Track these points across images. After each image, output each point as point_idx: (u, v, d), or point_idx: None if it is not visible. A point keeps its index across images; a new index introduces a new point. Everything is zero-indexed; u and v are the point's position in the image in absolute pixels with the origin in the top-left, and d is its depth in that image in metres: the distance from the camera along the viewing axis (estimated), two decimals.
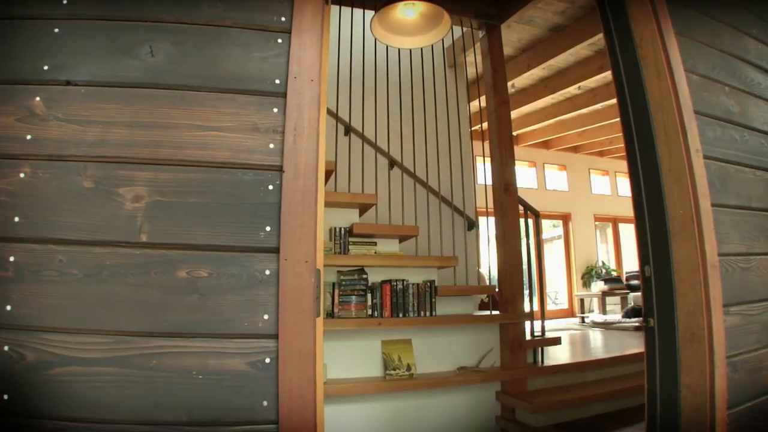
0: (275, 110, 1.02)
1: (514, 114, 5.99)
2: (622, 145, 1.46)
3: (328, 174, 2.90)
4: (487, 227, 3.38)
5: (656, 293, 1.34)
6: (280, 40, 1.07)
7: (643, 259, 1.39)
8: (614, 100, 5.46)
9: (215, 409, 0.88)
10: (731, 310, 1.34)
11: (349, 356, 2.51)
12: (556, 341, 3.04)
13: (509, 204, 3.01)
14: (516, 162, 3.11)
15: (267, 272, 0.95)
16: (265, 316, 0.93)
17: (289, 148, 0.98)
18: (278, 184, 0.98)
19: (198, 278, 0.93)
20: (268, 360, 0.91)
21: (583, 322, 6.46)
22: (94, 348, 0.89)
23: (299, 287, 0.93)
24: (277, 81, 1.03)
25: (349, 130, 3.47)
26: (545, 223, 7.78)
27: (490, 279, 4.80)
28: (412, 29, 2.60)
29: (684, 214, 1.30)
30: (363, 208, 2.89)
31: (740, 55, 1.81)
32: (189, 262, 0.93)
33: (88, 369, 0.89)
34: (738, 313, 1.37)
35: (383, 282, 2.57)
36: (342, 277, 2.52)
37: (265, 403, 0.89)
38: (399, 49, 3.38)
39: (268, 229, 0.97)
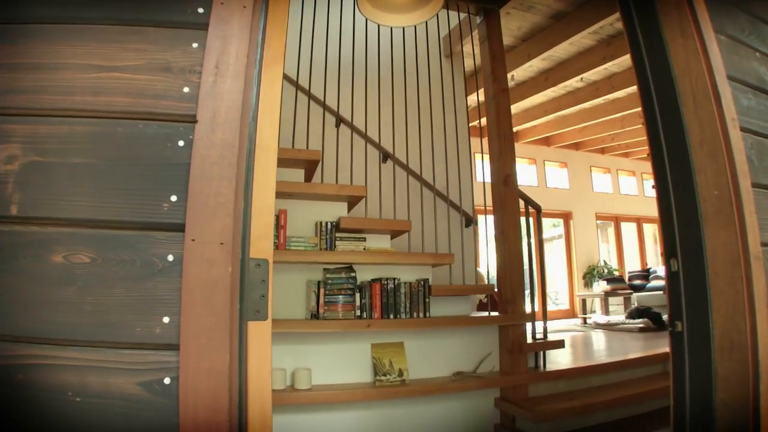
0: (194, 45, 0.78)
1: (514, 109, 5.83)
2: (624, 142, 1.24)
3: (313, 164, 2.69)
4: (486, 227, 3.17)
5: (685, 291, 1.10)
6: None
7: (669, 251, 1.15)
8: (616, 94, 5.30)
9: None
10: None
11: (335, 360, 2.35)
12: (560, 344, 2.87)
13: (509, 198, 2.83)
14: (516, 158, 2.92)
15: (170, 258, 0.70)
16: (165, 319, 0.68)
17: (206, 92, 0.73)
18: (191, 140, 0.74)
19: (77, 265, 0.69)
20: (167, 380, 0.67)
21: (585, 323, 6.29)
22: None
23: (210, 279, 0.68)
24: (201, 10, 0.79)
25: (339, 121, 3.26)
26: (545, 222, 7.59)
27: (488, 278, 4.59)
28: (403, 5, 2.40)
29: (720, 196, 1.07)
30: (352, 202, 2.71)
31: None
32: (67, 242, 0.69)
33: None
34: None
35: (373, 281, 2.41)
36: (328, 275, 2.35)
37: None
38: (392, 36, 3.18)
39: (173, 199, 0.72)
